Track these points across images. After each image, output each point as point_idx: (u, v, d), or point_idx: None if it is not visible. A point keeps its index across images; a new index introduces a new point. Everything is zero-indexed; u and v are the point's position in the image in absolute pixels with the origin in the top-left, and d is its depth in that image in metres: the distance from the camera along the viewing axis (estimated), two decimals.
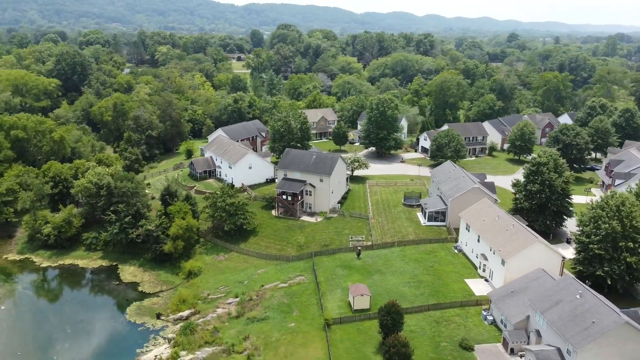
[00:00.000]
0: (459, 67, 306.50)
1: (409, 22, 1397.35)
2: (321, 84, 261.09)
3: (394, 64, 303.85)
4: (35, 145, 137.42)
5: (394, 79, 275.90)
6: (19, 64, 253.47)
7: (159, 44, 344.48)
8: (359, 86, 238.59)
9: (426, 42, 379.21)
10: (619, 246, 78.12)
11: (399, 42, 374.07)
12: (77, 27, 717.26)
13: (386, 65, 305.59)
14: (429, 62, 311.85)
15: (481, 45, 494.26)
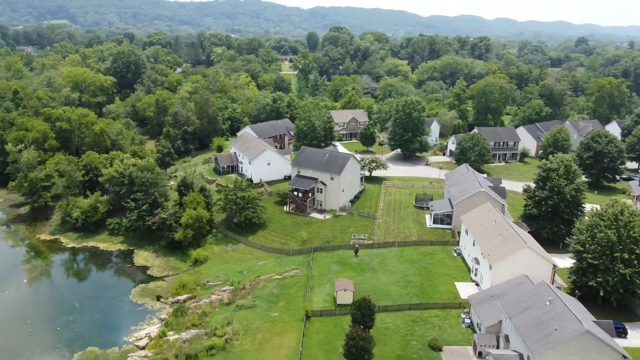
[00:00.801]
0: (511, 71, 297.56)
1: (477, 25, 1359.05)
2: (364, 85, 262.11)
3: (443, 67, 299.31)
4: (79, 136, 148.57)
5: (440, 82, 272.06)
6: (83, 62, 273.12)
7: (215, 45, 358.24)
8: (400, 88, 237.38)
9: (481, 45, 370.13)
10: (614, 257, 74.90)
11: (452, 45, 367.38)
12: (149, 29, 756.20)
13: (435, 68, 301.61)
14: (479, 66, 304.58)
15: (544, 49, 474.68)
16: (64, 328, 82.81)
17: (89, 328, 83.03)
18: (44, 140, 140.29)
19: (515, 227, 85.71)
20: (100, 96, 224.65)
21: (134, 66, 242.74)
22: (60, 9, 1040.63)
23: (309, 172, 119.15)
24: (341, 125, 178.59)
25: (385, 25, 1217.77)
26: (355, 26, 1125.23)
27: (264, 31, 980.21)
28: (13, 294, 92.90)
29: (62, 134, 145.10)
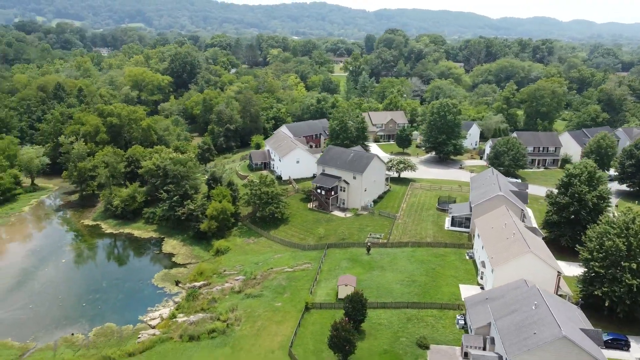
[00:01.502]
0: (572, 75, 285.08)
1: (551, 28, 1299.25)
2: (413, 88, 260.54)
3: (498, 70, 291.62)
4: (127, 131, 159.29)
5: (493, 86, 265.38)
6: (146, 62, 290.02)
7: (272, 47, 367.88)
8: (449, 91, 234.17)
9: (544, 48, 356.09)
10: (621, 266, 72.12)
11: (512, 47, 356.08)
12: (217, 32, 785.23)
13: (489, 71, 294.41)
14: (538, 70, 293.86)
15: (617, 53, 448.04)
16: (90, 304, 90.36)
17: (111, 306, 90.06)
18: (96, 133, 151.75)
19: (525, 232, 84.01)
20: (157, 94, 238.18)
21: (189, 66, 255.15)
22: (138, 12, 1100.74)
23: (333, 171, 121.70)
24: (379, 126, 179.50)
25: (453, 28, 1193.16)
26: (421, 28, 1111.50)
27: (328, 33, 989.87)
28: (51, 271, 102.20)
29: (113, 129, 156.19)
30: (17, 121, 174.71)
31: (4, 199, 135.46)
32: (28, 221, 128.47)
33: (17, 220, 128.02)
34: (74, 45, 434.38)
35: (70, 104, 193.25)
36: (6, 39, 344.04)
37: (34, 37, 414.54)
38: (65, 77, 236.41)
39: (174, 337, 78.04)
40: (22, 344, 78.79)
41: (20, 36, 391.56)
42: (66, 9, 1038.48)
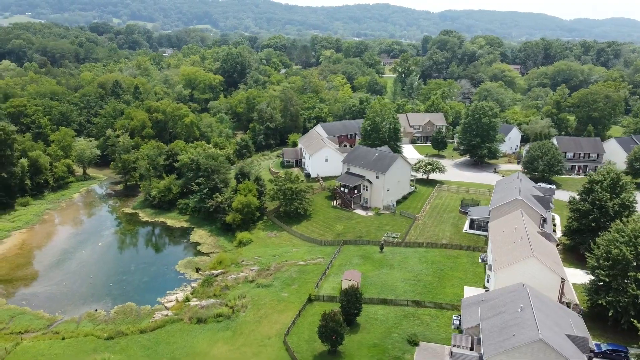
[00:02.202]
0: (636, 79, 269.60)
1: (630, 29, 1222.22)
2: (462, 90, 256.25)
3: (555, 73, 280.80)
4: (172, 127, 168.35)
5: (547, 90, 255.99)
6: (202, 62, 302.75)
7: (325, 49, 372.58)
8: (497, 94, 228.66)
9: (609, 50, 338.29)
10: (627, 276, 69.79)
11: (574, 50, 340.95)
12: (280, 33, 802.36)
13: (545, 74, 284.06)
14: (599, 73, 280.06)
15: None
16: (116, 284, 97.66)
17: (135, 287, 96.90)
18: (142, 128, 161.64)
19: (534, 237, 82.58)
20: (208, 93, 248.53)
21: (240, 67, 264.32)
22: (205, 14, 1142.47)
23: (357, 170, 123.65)
24: (417, 128, 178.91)
25: (521, 30, 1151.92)
26: (487, 30, 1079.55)
27: (389, 35, 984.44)
28: (87, 253, 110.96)
29: (158, 124, 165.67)
30: (77, 115, 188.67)
31: (57, 186, 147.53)
32: (75, 207, 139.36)
33: (66, 205, 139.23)
34: (140, 46, 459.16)
35: (126, 100, 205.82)
36: (79, 39, 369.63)
37: (104, 38, 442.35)
38: (126, 76, 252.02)
39: (184, 319, 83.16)
40: (52, 316, 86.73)
41: (93, 37, 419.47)
42: (140, 11, 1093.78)
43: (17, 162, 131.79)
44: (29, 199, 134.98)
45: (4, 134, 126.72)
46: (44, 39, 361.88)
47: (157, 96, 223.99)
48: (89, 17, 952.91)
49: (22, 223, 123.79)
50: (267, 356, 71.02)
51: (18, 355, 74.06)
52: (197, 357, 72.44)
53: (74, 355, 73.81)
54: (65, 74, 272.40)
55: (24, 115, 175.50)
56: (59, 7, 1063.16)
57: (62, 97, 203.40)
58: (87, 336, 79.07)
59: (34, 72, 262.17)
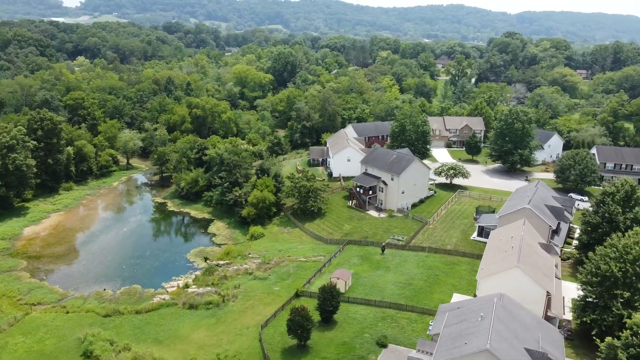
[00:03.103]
0: None
1: None
2: (515, 94, 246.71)
3: (622, 79, 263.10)
4: (211, 122, 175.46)
5: (610, 96, 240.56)
6: (258, 61, 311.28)
7: (382, 49, 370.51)
8: (550, 99, 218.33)
9: None
10: (615, 294, 65.82)
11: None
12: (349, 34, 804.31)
13: (612, 80, 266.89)
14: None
15: None
16: (129, 267, 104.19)
17: (145, 271, 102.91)
18: (182, 123, 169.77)
19: (528, 247, 79.33)
20: (258, 91, 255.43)
21: (290, 66, 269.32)
22: (278, 15, 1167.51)
23: (374, 171, 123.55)
24: (453, 131, 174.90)
25: (607, 32, 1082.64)
26: (568, 32, 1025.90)
27: (461, 37, 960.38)
28: (111, 237, 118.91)
29: (197, 119, 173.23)
30: (130, 109, 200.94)
31: (100, 173, 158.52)
32: (112, 194, 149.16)
33: (105, 192, 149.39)
34: (207, 45, 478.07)
35: (177, 96, 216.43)
36: (148, 38, 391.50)
37: (174, 37, 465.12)
38: (182, 73, 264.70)
39: (178, 304, 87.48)
40: (64, 292, 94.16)
41: (163, 36, 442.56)
42: (215, 11, 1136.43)
43: (63, 150, 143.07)
44: (72, 185, 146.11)
45: (51, 124, 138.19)
46: (117, 37, 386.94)
47: (208, 93, 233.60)
48: (168, 17, 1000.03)
49: (62, 206, 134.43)
50: (240, 345, 73.51)
51: (25, 324, 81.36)
52: (177, 339, 76.30)
53: (71, 327, 79.93)
54: (130, 70, 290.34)
55: (82, 107, 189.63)
56: (142, 7, 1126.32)
57: (120, 91, 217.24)
58: (88, 312, 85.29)
59: (101, 68, 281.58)
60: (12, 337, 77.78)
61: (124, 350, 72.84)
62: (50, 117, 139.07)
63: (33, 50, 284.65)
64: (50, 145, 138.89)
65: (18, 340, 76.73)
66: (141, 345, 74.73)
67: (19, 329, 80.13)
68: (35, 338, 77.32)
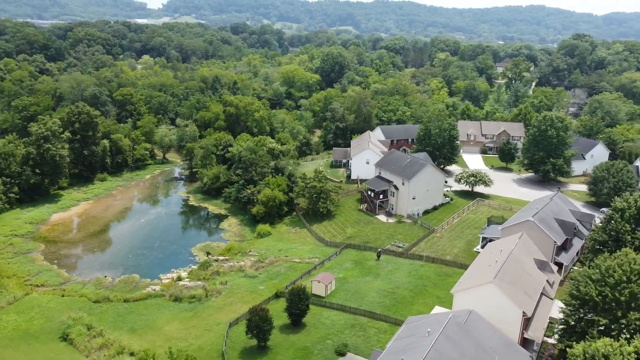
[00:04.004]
0: None
1: None
2: (572, 100, 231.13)
3: None
4: (244, 120, 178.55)
5: None
6: (310, 61, 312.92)
7: (441, 51, 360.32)
8: (608, 107, 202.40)
9: None
10: (592, 320, 59.74)
11: None
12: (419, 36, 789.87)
13: None
14: None
15: None
16: (134, 257, 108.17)
17: (148, 261, 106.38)
18: (216, 120, 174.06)
19: (515, 263, 73.73)
20: (304, 91, 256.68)
21: (338, 66, 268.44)
22: (349, 16, 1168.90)
23: (387, 175, 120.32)
24: (490, 137, 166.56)
25: None
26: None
27: (539, 39, 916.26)
28: (128, 226, 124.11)
29: (231, 117, 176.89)
30: (175, 106, 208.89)
31: (135, 166, 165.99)
32: (142, 186, 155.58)
33: (135, 184, 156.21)
34: (270, 46, 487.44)
35: (222, 94, 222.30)
36: (212, 38, 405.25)
37: (238, 38, 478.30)
38: (235, 73, 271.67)
39: (165, 296, 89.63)
40: (69, 276, 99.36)
41: (227, 36, 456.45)
42: (288, 12, 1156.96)
43: (99, 142, 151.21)
44: (106, 176, 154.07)
45: (87, 117, 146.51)
46: (182, 37, 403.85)
47: (254, 92, 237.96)
48: (242, 18, 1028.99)
49: (92, 195, 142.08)
50: (206, 340, 74.04)
51: (22, 303, 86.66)
52: (150, 330, 78.14)
53: (61, 310, 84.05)
54: (188, 69, 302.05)
55: (130, 103, 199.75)
56: (219, 9, 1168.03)
57: (169, 88, 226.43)
58: (81, 297, 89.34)
59: (160, 67, 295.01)
60: (7, 314, 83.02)
61: (98, 336, 75.76)
62: (87, 111, 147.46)
63: (100, 48, 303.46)
64: (86, 137, 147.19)
65: (11, 318, 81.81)
66: (116, 332, 77.32)
67: (15, 307, 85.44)
68: (26, 317, 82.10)
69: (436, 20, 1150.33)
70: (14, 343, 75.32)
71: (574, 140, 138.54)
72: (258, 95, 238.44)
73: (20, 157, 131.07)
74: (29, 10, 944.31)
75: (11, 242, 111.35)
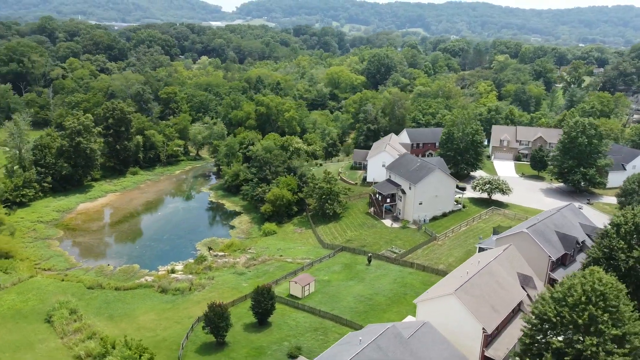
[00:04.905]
0: None
1: None
2: (628, 105, 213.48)
3: None
4: (274, 120, 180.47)
5: None
6: (361, 63, 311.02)
7: (501, 53, 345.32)
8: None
9: None
10: (547, 341, 54.86)
11: None
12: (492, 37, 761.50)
13: None
14: None
15: None
16: (141, 248, 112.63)
17: (152, 253, 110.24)
18: (247, 119, 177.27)
19: (489, 276, 69.15)
20: (349, 92, 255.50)
21: (384, 68, 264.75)
22: (419, 18, 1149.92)
23: (397, 178, 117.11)
24: (525, 143, 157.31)
25: None
26: None
27: (624, 41, 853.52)
28: (144, 219, 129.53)
29: (261, 117, 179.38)
30: (216, 104, 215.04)
31: (167, 162, 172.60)
32: (170, 181, 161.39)
33: (164, 179, 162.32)
34: (330, 47, 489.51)
35: (264, 94, 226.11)
36: (267, 39, 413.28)
37: (298, 39, 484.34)
38: (283, 74, 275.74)
39: (154, 287, 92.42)
40: (75, 262, 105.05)
41: (286, 38, 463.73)
42: (357, 14, 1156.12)
43: (132, 137, 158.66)
44: (138, 170, 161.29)
45: (121, 113, 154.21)
46: (242, 39, 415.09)
47: (298, 93, 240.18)
48: (311, 21, 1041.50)
49: (120, 188, 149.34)
50: (172, 332, 75.45)
51: (25, 285, 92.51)
52: (127, 318, 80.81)
53: (56, 294, 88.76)
54: (240, 69, 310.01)
55: (173, 101, 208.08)
56: (289, 12, 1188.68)
57: (215, 88, 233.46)
58: (78, 282, 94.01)
59: (214, 67, 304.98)
60: (8, 294, 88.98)
61: (78, 321, 79.41)
62: (120, 108, 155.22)
63: (158, 49, 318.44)
64: (119, 132, 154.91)
65: (9, 298, 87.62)
66: (96, 318, 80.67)
67: (17, 288, 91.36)
68: (23, 298, 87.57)
69: (511, 22, 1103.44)
70: (4, 320, 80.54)
71: (609, 148, 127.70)
72: (301, 95, 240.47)
73: (56, 149, 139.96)
74: (114, 14, 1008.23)
75: (34, 228, 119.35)
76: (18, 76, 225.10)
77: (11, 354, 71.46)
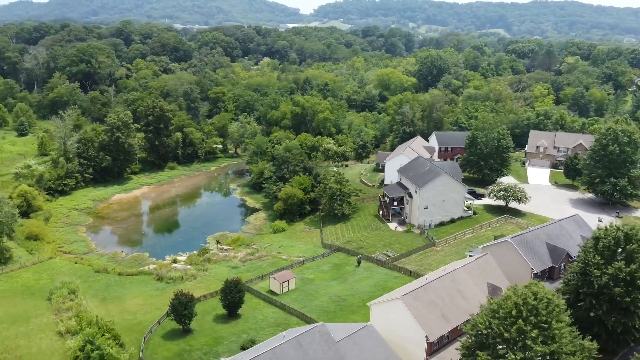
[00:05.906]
0: None
1: None
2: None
3: None
4: (309, 120, 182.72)
5: None
6: (417, 63, 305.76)
7: (572, 55, 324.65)
8: None
9: None
10: (477, 354, 52.73)
11: None
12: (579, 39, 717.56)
13: None
14: None
15: None
16: (157, 238, 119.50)
17: (165, 243, 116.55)
18: (282, 119, 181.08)
19: (449, 282, 67.03)
20: (399, 94, 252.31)
21: (436, 70, 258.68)
22: (501, 18, 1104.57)
23: (406, 182, 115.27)
24: (563, 150, 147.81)
25: None
26: None
27: None
28: (166, 211, 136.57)
29: (297, 117, 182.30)
30: (260, 105, 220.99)
31: (205, 158, 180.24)
32: (203, 177, 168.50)
33: (198, 174, 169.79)
34: (396, 49, 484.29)
35: (311, 94, 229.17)
36: (328, 41, 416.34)
37: (364, 41, 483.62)
38: (336, 75, 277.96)
39: (153, 274, 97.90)
40: (94, 247, 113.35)
41: (351, 39, 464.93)
42: (435, 15, 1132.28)
43: (171, 134, 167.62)
44: (175, 165, 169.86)
45: (160, 111, 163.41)
46: (305, 40, 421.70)
47: (347, 94, 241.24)
48: (388, 22, 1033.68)
49: (155, 181, 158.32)
50: (150, 316, 79.78)
51: (42, 265, 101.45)
52: (116, 301, 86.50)
53: (67, 274, 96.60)
54: (297, 70, 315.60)
55: (221, 100, 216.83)
56: (366, 13, 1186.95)
57: (265, 88, 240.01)
58: (88, 266, 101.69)
59: (271, 68, 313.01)
60: (26, 272, 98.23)
61: (73, 300, 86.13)
62: (160, 105, 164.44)
63: (220, 51, 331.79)
64: (158, 129, 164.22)
65: (26, 276, 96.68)
66: (90, 299, 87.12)
67: (36, 267, 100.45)
68: (37, 277, 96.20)
69: (602, 21, 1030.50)
70: (14, 295, 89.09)
71: None
72: (349, 97, 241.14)
73: (98, 143, 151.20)
74: (198, 17, 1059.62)
75: (68, 215, 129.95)
76: (86, 76, 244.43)
77: (8, 325, 78.92)
